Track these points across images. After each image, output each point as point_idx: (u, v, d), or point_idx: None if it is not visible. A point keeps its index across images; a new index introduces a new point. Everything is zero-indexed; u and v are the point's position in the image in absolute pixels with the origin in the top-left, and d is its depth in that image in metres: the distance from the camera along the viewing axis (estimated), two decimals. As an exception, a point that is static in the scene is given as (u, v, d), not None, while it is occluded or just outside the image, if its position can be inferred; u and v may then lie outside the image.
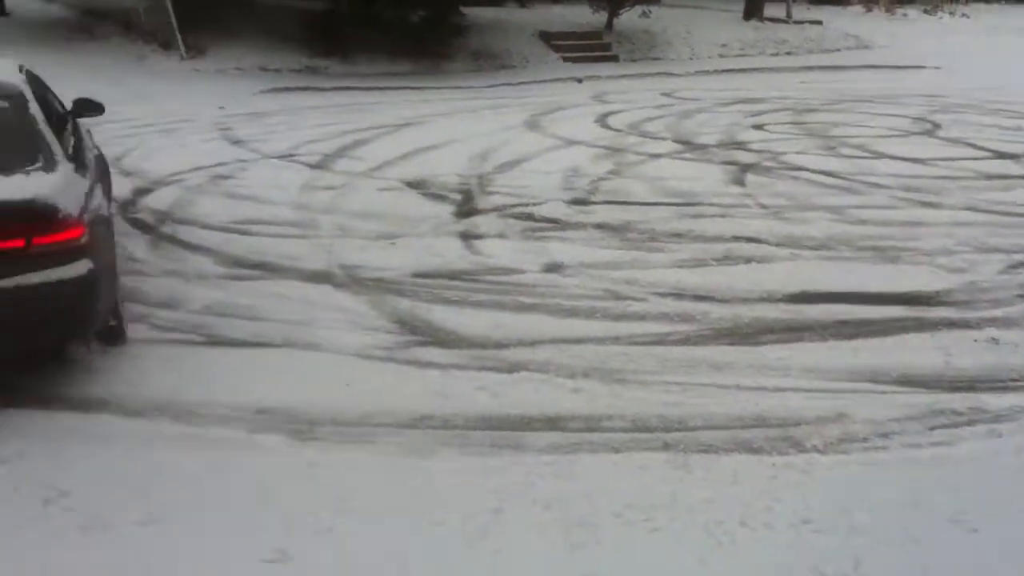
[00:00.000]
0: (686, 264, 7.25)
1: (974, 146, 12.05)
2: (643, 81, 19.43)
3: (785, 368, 5.46)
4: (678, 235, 7.97)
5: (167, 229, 8.09)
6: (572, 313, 6.27)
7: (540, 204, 8.92)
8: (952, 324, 6.15)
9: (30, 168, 5.00)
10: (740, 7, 26.49)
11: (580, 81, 19.10)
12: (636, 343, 5.79)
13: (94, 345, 5.48)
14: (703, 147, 11.91)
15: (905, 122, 13.90)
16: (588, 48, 22.69)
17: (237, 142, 12.01)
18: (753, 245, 7.69)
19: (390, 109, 15.16)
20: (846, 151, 11.62)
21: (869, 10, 30.26)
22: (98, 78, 17.33)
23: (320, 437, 4.67)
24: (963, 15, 30.44)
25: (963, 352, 5.71)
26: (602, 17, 23.74)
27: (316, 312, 6.26)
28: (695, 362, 5.53)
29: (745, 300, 6.51)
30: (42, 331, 4.89)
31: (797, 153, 11.41)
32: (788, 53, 24.13)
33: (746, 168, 10.61)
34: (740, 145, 12.03)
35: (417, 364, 5.48)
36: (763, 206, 8.94)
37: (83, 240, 4.80)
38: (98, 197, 5.53)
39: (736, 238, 7.88)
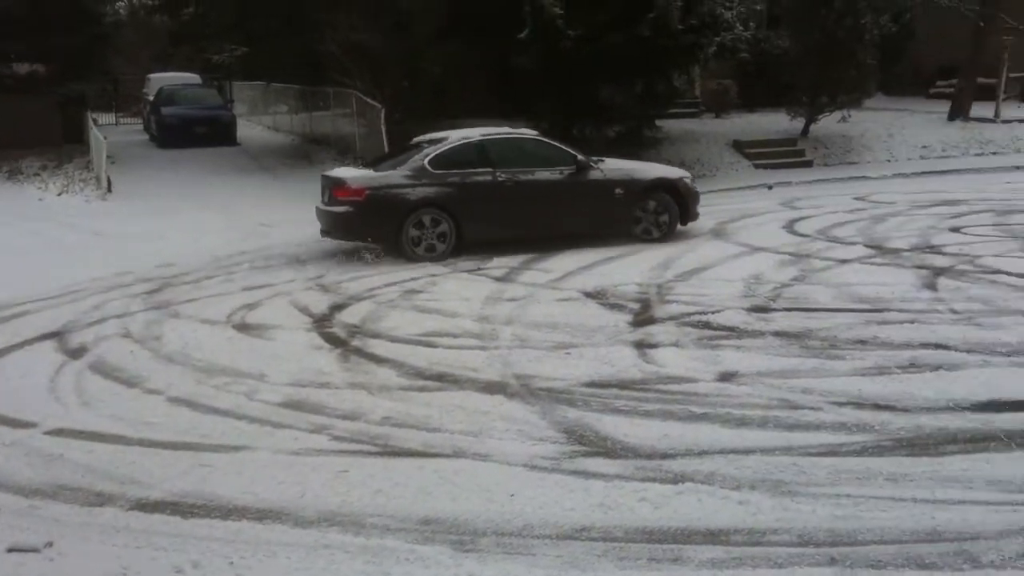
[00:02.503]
0: (868, 372, 6.99)
1: None
2: (836, 186, 19.08)
3: (967, 480, 5.17)
4: (861, 342, 7.72)
5: (357, 343, 8.49)
6: (743, 423, 6.15)
7: (718, 312, 8.84)
8: None
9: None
10: (946, 108, 25.75)
11: (770, 187, 18.94)
12: (808, 454, 5.61)
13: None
14: (895, 251, 11.55)
15: (1121, 219, 13.10)
16: (781, 155, 22.54)
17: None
18: (942, 352, 7.36)
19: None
20: (1052, 252, 11.05)
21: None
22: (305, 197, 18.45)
23: (481, 548, 4.73)
24: None
25: None
26: (799, 124, 23.59)
27: (488, 422, 6.39)
28: (870, 473, 5.31)
29: (928, 409, 6.22)
30: None
31: (996, 256, 10.88)
32: (994, 153, 23.21)
33: (939, 272, 10.21)
34: (935, 249, 11.60)
35: (582, 474, 5.49)
36: (955, 311, 8.55)
37: None
38: None
39: (924, 345, 7.57)
